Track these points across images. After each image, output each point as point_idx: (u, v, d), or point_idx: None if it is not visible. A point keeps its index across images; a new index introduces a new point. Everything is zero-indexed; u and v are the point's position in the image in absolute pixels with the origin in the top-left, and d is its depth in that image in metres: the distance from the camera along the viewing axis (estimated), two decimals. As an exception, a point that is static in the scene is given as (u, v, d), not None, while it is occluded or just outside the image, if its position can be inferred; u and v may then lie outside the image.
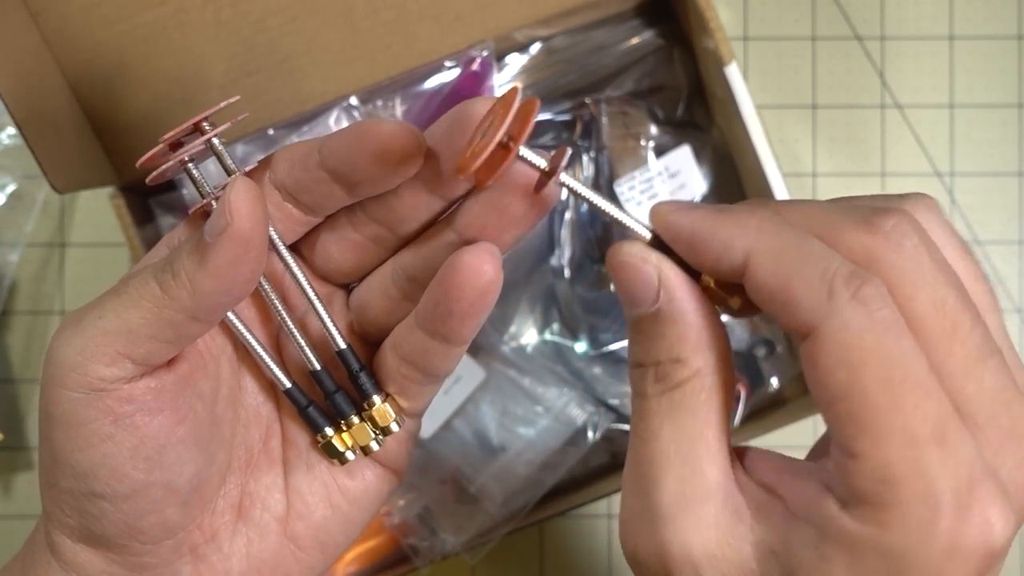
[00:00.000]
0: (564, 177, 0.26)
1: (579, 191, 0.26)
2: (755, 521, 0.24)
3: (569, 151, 0.26)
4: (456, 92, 0.53)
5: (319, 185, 0.28)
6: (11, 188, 0.59)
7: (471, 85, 0.53)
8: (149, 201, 0.54)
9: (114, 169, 0.50)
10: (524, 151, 0.25)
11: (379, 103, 0.53)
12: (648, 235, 0.26)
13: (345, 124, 0.52)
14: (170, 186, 0.53)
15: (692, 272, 0.25)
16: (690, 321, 0.25)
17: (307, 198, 0.29)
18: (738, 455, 0.26)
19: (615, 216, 0.26)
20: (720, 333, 0.25)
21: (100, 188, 0.50)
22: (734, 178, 0.57)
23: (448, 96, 0.53)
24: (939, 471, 0.21)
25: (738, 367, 0.57)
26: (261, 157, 0.30)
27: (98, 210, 0.60)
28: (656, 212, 0.26)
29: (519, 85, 0.26)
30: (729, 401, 0.25)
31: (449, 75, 0.53)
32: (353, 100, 0.52)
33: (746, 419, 0.56)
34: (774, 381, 0.57)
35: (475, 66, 0.52)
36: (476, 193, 0.28)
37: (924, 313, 0.23)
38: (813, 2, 0.61)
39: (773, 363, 0.57)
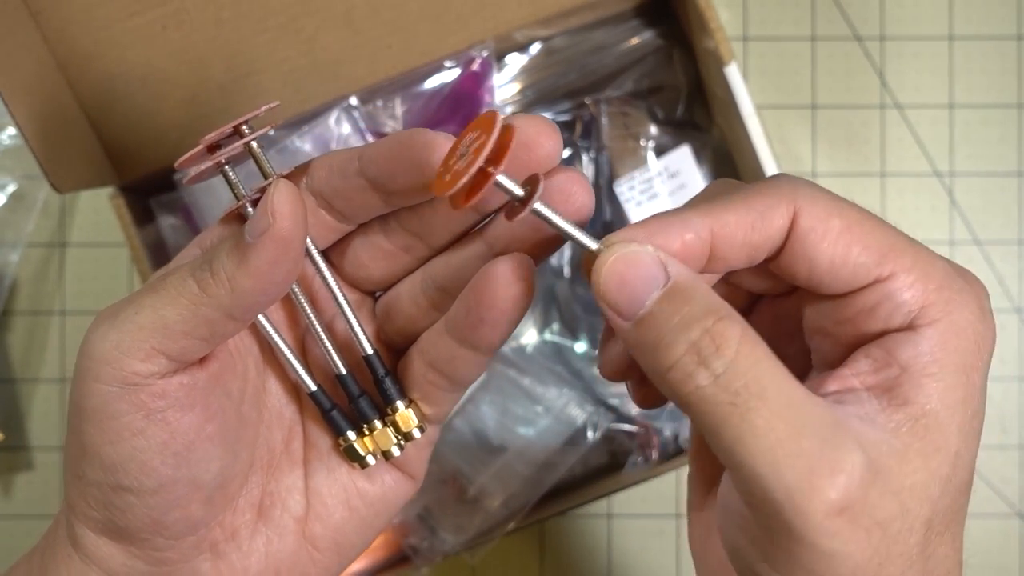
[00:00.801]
0: (539, 206, 0.26)
1: (555, 222, 0.26)
2: (863, 414, 0.24)
3: (542, 184, 0.25)
4: (456, 92, 0.53)
5: (356, 193, 0.28)
6: (12, 188, 0.59)
7: (471, 85, 0.53)
8: (149, 201, 0.54)
9: (114, 169, 0.50)
10: (503, 179, 0.25)
11: (379, 103, 0.53)
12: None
13: (345, 124, 0.52)
14: (170, 186, 0.53)
15: None
16: (704, 287, 0.25)
17: (343, 205, 0.29)
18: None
19: (589, 245, 0.26)
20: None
21: (100, 188, 0.50)
22: (734, 178, 0.57)
23: (448, 96, 0.53)
24: (934, 256, 0.26)
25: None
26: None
27: (98, 210, 0.60)
28: (617, 239, 0.26)
29: (497, 111, 0.26)
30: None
31: (449, 75, 0.53)
32: (353, 100, 0.52)
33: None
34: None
35: (475, 66, 0.52)
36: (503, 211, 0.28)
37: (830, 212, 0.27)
38: (813, 2, 0.61)
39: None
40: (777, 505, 0.23)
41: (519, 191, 0.26)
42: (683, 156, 0.56)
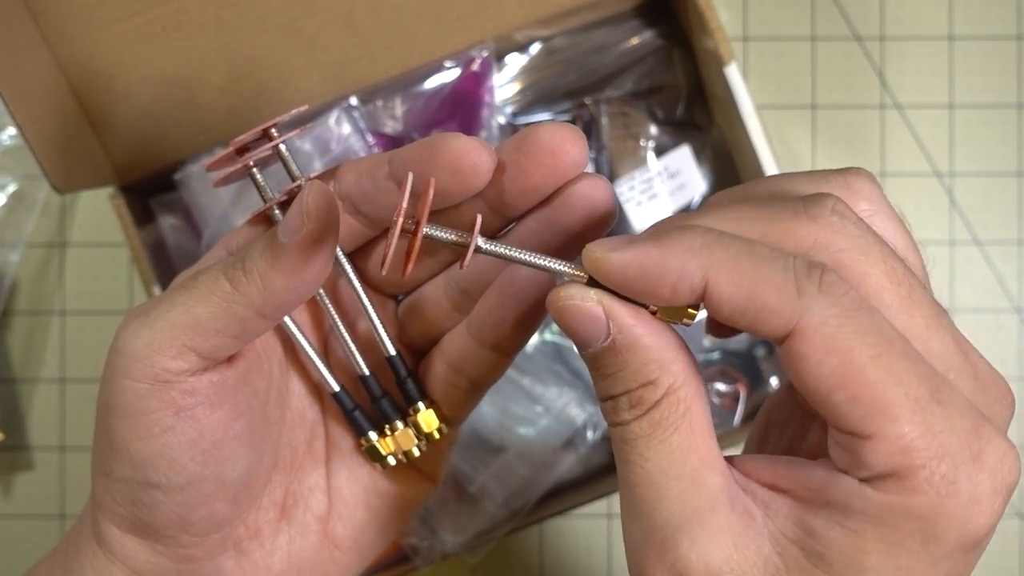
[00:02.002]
0: (483, 243, 0.26)
1: (502, 253, 0.26)
2: (767, 517, 0.24)
3: (479, 219, 0.25)
4: (456, 92, 0.53)
5: (384, 196, 0.29)
6: (12, 188, 0.59)
7: (471, 85, 0.53)
8: (149, 201, 0.54)
9: (114, 169, 0.50)
10: (431, 230, 0.25)
11: (379, 103, 0.53)
12: (584, 277, 0.25)
13: (345, 124, 0.52)
14: (170, 186, 0.53)
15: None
16: (648, 343, 0.24)
17: (370, 209, 0.29)
18: (729, 461, 0.25)
19: (547, 266, 0.26)
20: (679, 344, 0.25)
21: (100, 188, 0.50)
22: (734, 178, 0.57)
23: (448, 96, 0.53)
24: (947, 426, 0.22)
25: (738, 367, 0.57)
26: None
27: (98, 210, 0.60)
28: (591, 257, 0.24)
29: (410, 173, 0.26)
30: (707, 408, 0.25)
31: (449, 75, 0.53)
32: (353, 100, 0.52)
33: (746, 419, 0.56)
34: (774, 381, 0.57)
35: (475, 66, 0.52)
36: (534, 212, 0.28)
37: (881, 286, 0.23)
38: (813, 2, 0.61)
39: (773, 363, 0.57)
40: (627, 555, 0.25)
41: (454, 237, 0.26)
42: (683, 156, 0.56)
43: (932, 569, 0.23)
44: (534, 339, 0.57)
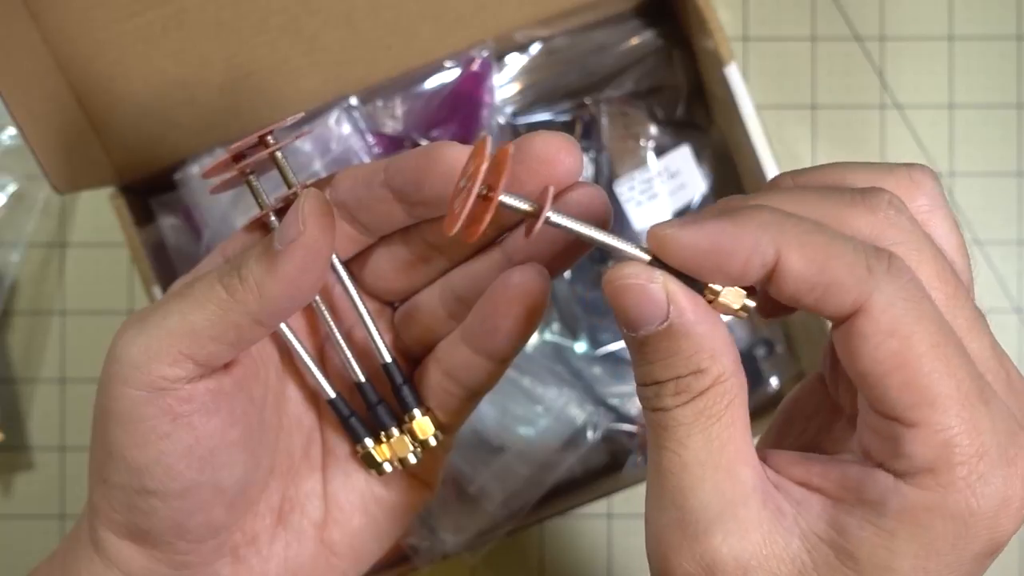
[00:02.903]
0: (554, 216, 0.25)
1: (572, 228, 0.26)
2: (798, 514, 0.24)
3: (552, 190, 0.25)
4: (456, 92, 0.53)
5: (380, 203, 0.29)
6: (12, 188, 0.59)
7: (471, 85, 0.53)
8: (149, 201, 0.54)
9: (114, 169, 0.50)
10: (506, 198, 0.25)
11: (379, 103, 0.53)
12: (647, 258, 0.25)
13: (345, 124, 0.52)
14: (171, 186, 0.53)
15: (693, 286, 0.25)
16: (703, 331, 0.24)
17: (366, 216, 0.29)
18: (762, 457, 0.25)
19: (612, 245, 0.26)
20: (729, 338, 0.25)
21: (100, 188, 0.50)
22: (734, 178, 0.57)
23: (448, 96, 0.53)
24: (989, 427, 0.22)
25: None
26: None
27: (98, 210, 0.60)
28: (660, 235, 0.24)
29: (488, 135, 0.26)
30: (747, 405, 0.25)
31: (449, 75, 0.53)
32: (353, 100, 0.52)
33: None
34: (774, 381, 0.57)
35: (475, 66, 0.52)
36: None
37: (929, 283, 0.24)
38: (813, 2, 0.61)
39: (773, 363, 0.57)
40: (650, 542, 0.25)
41: (527, 207, 0.25)
42: (683, 156, 0.56)
43: (957, 573, 0.23)
44: (534, 339, 0.57)
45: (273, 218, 0.30)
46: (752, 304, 0.25)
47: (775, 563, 0.23)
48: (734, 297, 0.25)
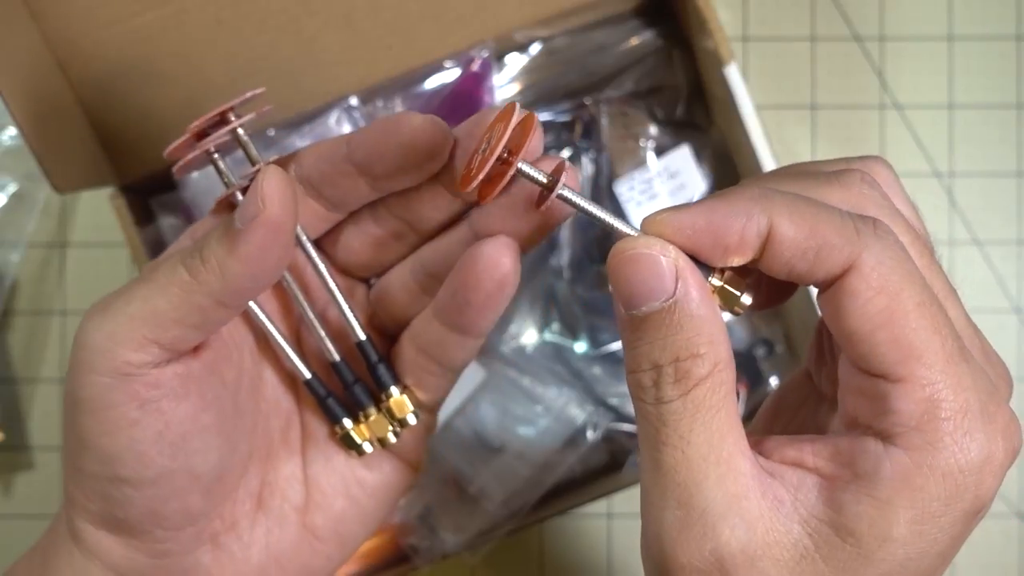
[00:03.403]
0: (565, 191, 0.25)
1: (581, 204, 0.26)
2: (795, 499, 0.24)
3: (568, 165, 0.25)
4: (456, 92, 0.53)
5: (344, 179, 0.28)
6: (12, 188, 0.59)
7: (471, 85, 0.53)
8: (149, 201, 0.54)
9: (114, 169, 0.50)
10: (524, 166, 0.25)
11: (379, 103, 0.53)
12: None
13: (345, 124, 0.52)
14: (171, 186, 0.53)
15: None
16: (705, 315, 0.24)
17: (331, 192, 0.29)
18: (754, 444, 0.25)
19: (617, 227, 0.26)
20: (724, 328, 0.25)
21: (100, 188, 0.50)
22: (734, 178, 0.57)
23: (448, 96, 0.53)
24: (971, 384, 0.23)
25: (738, 367, 0.57)
26: (261, 157, 0.30)
27: (98, 210, 0.60)
28: (657, 219, 0.25)
29: (516, 102, 0.26)
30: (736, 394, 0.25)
31: (449, 75, 0.53)
32: (353, 100, 0.52)
33: (746, 419, 0.56)
34: (773, 381, 0.57)
35: (475, 66, 0.52)
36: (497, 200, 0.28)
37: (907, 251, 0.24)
38: (813, 2, 0.61)
39: (773, 363, 0.57)
40: (650, 541, 0.24)
41: (543, 178, 0.26)
42: (683, 156, 0.56)
43: (948, 535, 0.23)
44: (534, 339, 0.57)
45: (239, 196, 0.29)
46: (748, 302, 0.25)
47: (778, 551, 0.23)
48: (730, 293, 0.25)
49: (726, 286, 0.25)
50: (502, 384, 0.55)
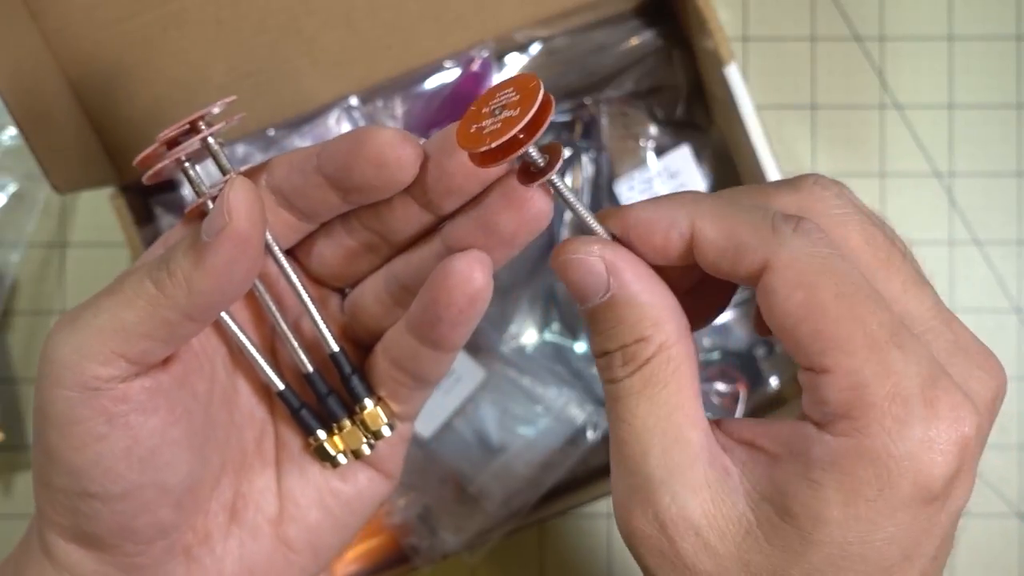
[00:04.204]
0: (557, 180, 0.26)
1: (566, 195, 0.26)
2: (742, 473, 0.24)
3: (565, 150, 0.26)
4: (456, 92, 0.53)
5: (315, 190, 0.28)
6: (12, 188, 0.59)
7: (471, 85, 0.53)
8: (149, 201, 0.54)
9: (114, 169, 0.50)
10: (532, 150, 0.25)
11: (379, 103, 0.53)
12: (607, 236, 0.27)
13: (345, 125, 0.52)
14: (170, 186, 0.53)
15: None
16: (645, 300, 0.25)
17: (302, 203, 0.29)
18: (715, 424, 0.26)
19: (586, 219, 0.27)
20: (674, 306, 0.26)
21: (100, 188, 0.50)
22: (734, 178, 0.57)
23: (448, 97, 0.53)
24: (903, 368, 0.23)
25: (738, 367, 0.57)
26: (261, 157, 0.30)
27: (98, 210, 0.60)
28: (603, 213, 0.27)
29: (537, 76, 0.26)
30: (696, 371, 0.26)
31: (449, 75, 0.53)
32: (353, 100, 0.52)
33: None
34: (773, 381, 0.57)
35: (475, 66, 0.52)
36: (467, 210, 0.28)
37: (859, 248, 0.25)
38: (813, 2, 0.61)
39: (773, 363, 0.57)
40: (615, 511, 0.26)
41: (540, 161, 0.26)
42: (683, 156, 0.56)
43: (891, 521, 0.23)
44: (534, 339, 0.57)
45: (211, 206, 0.28)
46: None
47: (723, 522, 0.24)
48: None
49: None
50: (502, 384, 0.55)
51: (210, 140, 0.28)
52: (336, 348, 0.30)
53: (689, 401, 0.25)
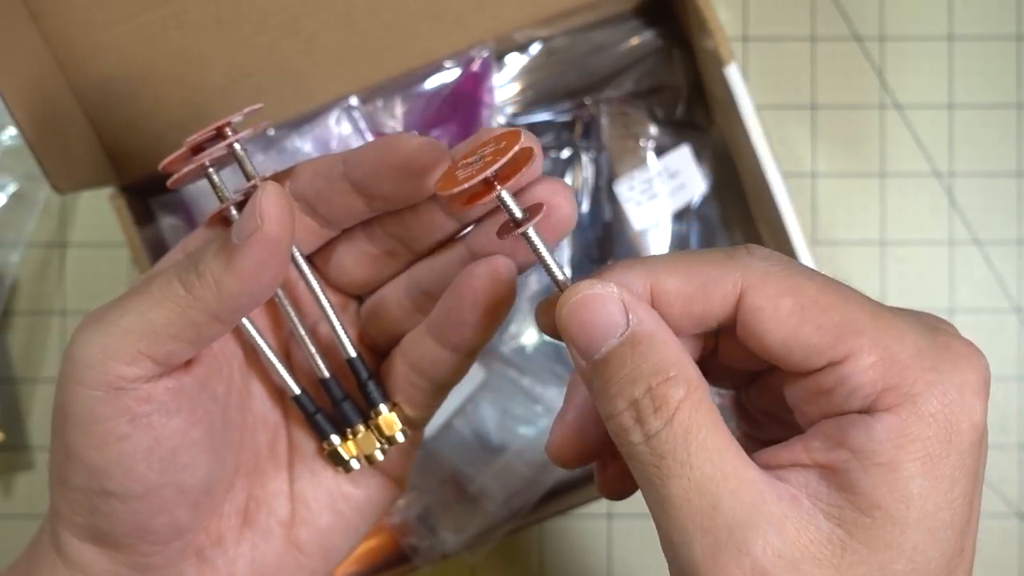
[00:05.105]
0: (531, 232, 0.26)
1: (540, 251, 0.26)
2: (809, 495, 0.23)
3: (543, 213, 0.26)
4: (456, 92, 0.53)
5: (340, 196, 0.28)
6: (12, 188, 0.59)
7: (471, 85, 0.53)
8: (149, 201, 0.54)
9: (114, 169, 0.50)
10: (506, 195, 0.25)
11: (379, 103, 0.53)
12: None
13: (345, 124, 0.52)
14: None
15: None
16: (665, 336, 0.24)
17: (327, 209, 0.29)
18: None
19: (560, 280, 0.26)
20: (685, 349, 0.25)
21: (100, 188, 0.50)
22: (734, 178, 0.57)
23: (448, 96, 0.53)
24: (910, 327, 0.24)
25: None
26: (260, 157, 0.30)
27: (98, 210, 0.60)
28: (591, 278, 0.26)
29: (524, 131, 0.26)
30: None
31: (449, 75, 0.53)
32: (353, 100, 0.52)
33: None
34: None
35: (475, 66, 0.52)
36: (492, 216, 0.28)
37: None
38: (813, 2, 0.61)
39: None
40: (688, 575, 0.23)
41: (518, 212, 0.26)
42: (683, 156, 0.56)
43: (963, 472, 0.23)
44: (534, 339, 0.57)
45: (234, 211, 0.29)
46: None
47: (816, 549, 0.23)
48: None
49: None
50: (502, 384, 0.55)
51: (236, 146, 0.29)
52: (354, 353, 0.30)
53: (733, 440, 0.24)
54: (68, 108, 0.47)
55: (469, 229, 0.29)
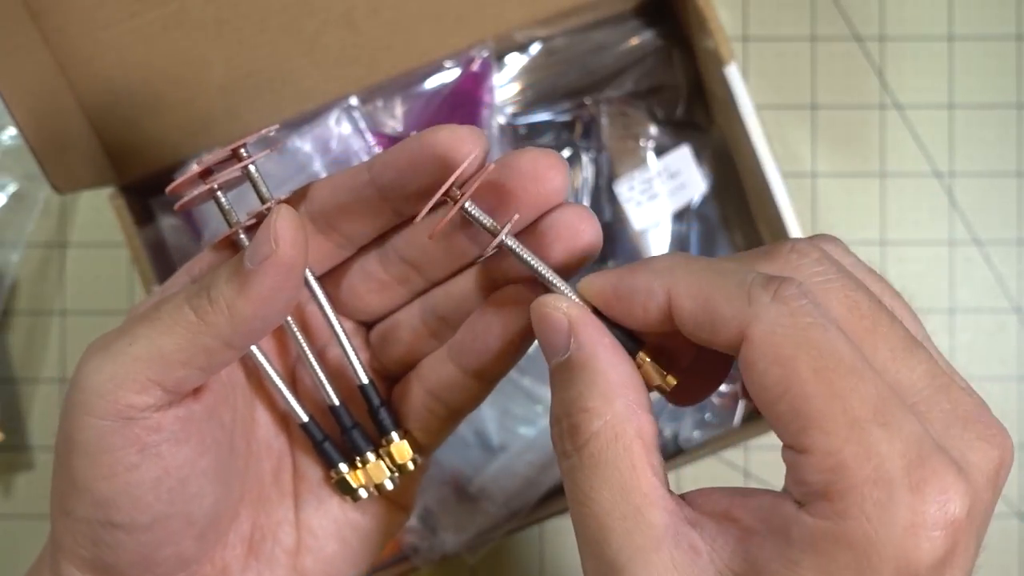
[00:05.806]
0: (509, 241, 0.26)
1: (524, 258, 0.26)
2: (713, 550, 0.23)
3: (516, 217, 0.25)
4: (456, 92, 0.53)
5: (365, 206, 0.28)
6: (12, 188, 0.59)
7: (471, 85, 0.53)
8: (149, 201, 0.54)
9: (114, 169, 0.50)
10: (470, 207, 0.25)
11: (379, 103, 0.53)
12: (575, 298, 0.26)
13: (345, 124, 0.52)
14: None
15: (630, 347, 0.26)
16: (599, 367, 0.24)
17: (346, 223, 0.28)
18: (682, 498, 0.25)
19: (555, 284, 0.26)
20: (635, 381, 0.25)
21: (100, 188, 0.50)
22: (734, 178, 0.57)
23: (448, 96, 0.53)
24: (887, 449, 0.21)
25: (738, 367, 0.57)
26: (261, 157, 0.30)
27: (98, 210, 0.60)
28: (583, 281, 0.26)
29: (484, 152, 0.26)
30: (655, 446, 0.24)
31: (449, 75, 0.53)
32: (353, 100, 0.52)
33: (746, 419, 0.56)
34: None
35: (475, 66, 0.52)
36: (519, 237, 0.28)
37: (841, 315, 0.23)
38: (813, 2, 0.61)
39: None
40: None
41: (487, 223, 0.26)
42: (683, 156, 0.56)
43: None
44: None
45: (242, 236, 0.28)
46: (673, 382, 0.26)
47: None
48: (651, 370, 0.26)
49: (647, 363, 0.26)
50: (502, 384, 0.55)
51: (251, 168, 0.28)
52: (366, 380, 0.30)
53: (646, 480, 0.24)
54: (68, 108, 0.47)
55: (488, 255, 0.29)
